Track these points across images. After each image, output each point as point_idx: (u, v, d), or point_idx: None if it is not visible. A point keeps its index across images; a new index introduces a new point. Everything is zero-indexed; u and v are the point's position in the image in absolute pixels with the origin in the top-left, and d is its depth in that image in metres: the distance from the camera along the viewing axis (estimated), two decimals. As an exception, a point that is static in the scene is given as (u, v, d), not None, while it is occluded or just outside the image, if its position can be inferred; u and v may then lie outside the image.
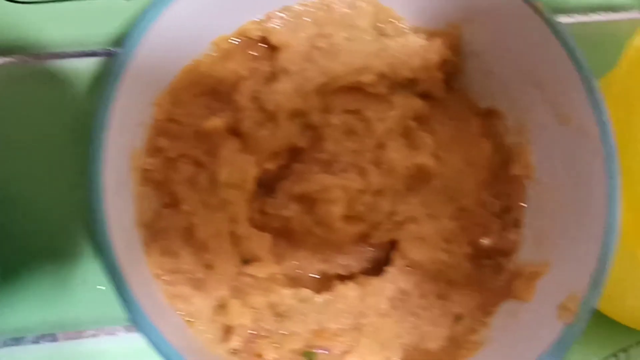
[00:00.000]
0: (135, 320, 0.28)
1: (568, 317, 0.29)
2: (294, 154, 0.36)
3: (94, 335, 0.35)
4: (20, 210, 0.36)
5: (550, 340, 0.29)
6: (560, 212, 0.32)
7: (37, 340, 0.35)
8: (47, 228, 0.36)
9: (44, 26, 0.38)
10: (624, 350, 0.42)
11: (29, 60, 0.38)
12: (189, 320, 0.33)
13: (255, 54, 0.36)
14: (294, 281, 0.35)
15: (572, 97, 0.31)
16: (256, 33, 0.35)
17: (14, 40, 0.38)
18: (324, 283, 0.35)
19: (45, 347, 0.35)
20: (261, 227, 0.35)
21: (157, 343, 0.27)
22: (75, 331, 0.35)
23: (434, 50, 0.34)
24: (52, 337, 0.35)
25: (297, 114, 0.34)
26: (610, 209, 0.29)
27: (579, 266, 0.30)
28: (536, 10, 0.31)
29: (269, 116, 0.34)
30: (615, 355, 0.42)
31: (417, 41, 0.35)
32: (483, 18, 0.33)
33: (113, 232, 0.29)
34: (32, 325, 0.35)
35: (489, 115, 0.36)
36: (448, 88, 0.36)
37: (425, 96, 0.36)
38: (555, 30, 0.30)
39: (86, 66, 0.38)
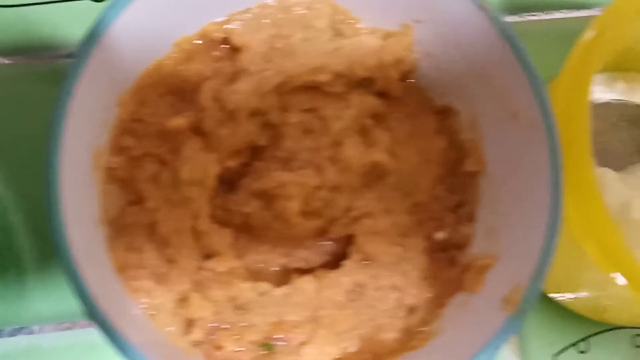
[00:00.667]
0: (91, 315, 0.28)
1: (511, 309, 0.29)
2: (255, 151, 0.36)
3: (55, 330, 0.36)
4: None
5: (494, 331, 0.29)
6: (509, 206, 0.33)
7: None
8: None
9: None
10: (584, 339, 0.43)
11: (34, 61, 0.38)
12: (151, 314, 0.34)
13: (218, 54, 0.37)
14: (256, 275, 0.36)
15: (519, 95, 0.31)
16: (218, 34, 0.36)
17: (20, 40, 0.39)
18: (285, 276, 0.36)
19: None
20: (224, 223, 0.36)
21: (112, 337, 0.28)
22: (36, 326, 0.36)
23: (389, 51, 0.35)
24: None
25: (256, 113, 0.35)
26: (553, 203, 0.30)
27: (523, 259, 0.30)
28: (483, 11, 0.31)
29: (230, 115, 0.35)
30: (574, 344, 0.43)
31: (373, 41, 0.35)
32: (435, 19, 0.34)
33: (71, 229, 0.29)
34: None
35: (444, 113, 0.36)
36: (405, 86, 0.37)
37: (382, 94, 0.37)
38: (502, 30, 0.31)
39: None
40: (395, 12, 0.35)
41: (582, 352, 0.43)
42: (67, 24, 0.42)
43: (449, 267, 0.36)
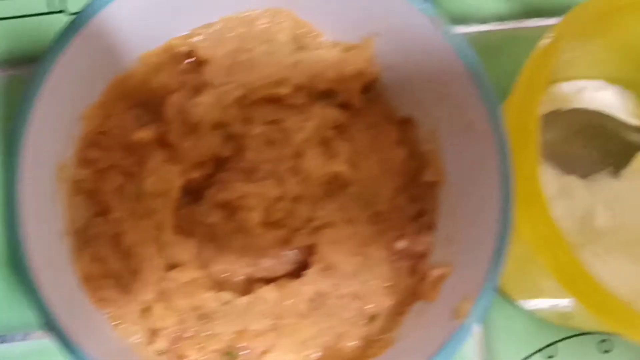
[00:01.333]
0: (49, 327, 0.29)
1: (461, 318, 0.29)
2: (219, 163, 0.36)
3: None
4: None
5: (444, 340, 0.29)
6: (465, 216, 0.33)
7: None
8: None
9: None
10: (551, 345, 0.43)
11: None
12: (116, 323, 0.34)
13: (184, 67, 0.37)
14: (221, 284, 0.36)
15: (472, 107, 0.32)
16: (182, 48, 0.36)
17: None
18: (250, 286, 0.36)
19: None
20: (189, 234, 0.36)
21: (69, 348, 0.28)
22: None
23: (349, 63, 0.35)
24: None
25: (219, 126, 0.35)
26: (503, 216, 0.30)
27: (474, 270, 0.31)
28: (436, 25, 0.31)
29: (193, 128, 0.35)
30: (541, 350, 0.43)
31: (334, 54, 0.35)
32: (393, 32, 0.34)
33: (30, 242, 0.29)
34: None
35: (405, 124, 0.37)
36: (367, 98, 0.37)
37: (344, 106, 0.37)
38: (455, 44, 0.31)
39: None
40: (355, 25, 0.35)
41: (549, 357, 0.43)
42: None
43: (410, 275, 0.36)
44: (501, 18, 0.46)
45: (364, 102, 0.37)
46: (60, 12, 0.45)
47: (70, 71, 0.33)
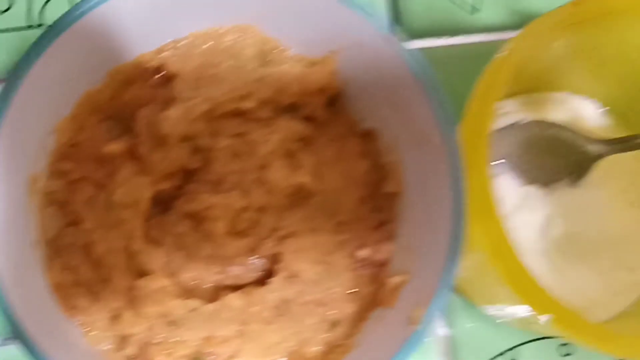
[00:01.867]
0: (15, 334, 0.29)
1: (415, 324, 0.30)
2: (188, 174, 0.37)
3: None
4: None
5: (399, 346, 0.30)
6: (423, 226, 0.34)
7: None
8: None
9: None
10: (512, 349, 0.44)
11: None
12: (86, 330, 0.35)
13: (154, 82, 0.38)
14: (190, 292, 0.37)
15: (427, 121, 0.33)
16: (152, 63, 0.37)
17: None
18: (218, 293, 0.37)
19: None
20: (158, 243, 0.37)
21: (35, 356, 0.29)
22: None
23: (313, 78, 0.36)
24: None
25: (187, 138, 0.36)
26: (455, 227, 0.31)
27: (428, 278, 0.32)
28: (392, 42, 0.32)
29: (162, 141, 0.36)
30: (503, 353, 0.44)
31: (298, 69, 0.36)
32: (354, 48, 0.35)
33: (1, 250, 0.30)
34: None
35: (367, 136, 0.38)
36: (331, 111, 0.38)
37: (308, 119, 0.38)
38: (409, 60, 0.32)
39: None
40: (318, 41, 0.36)
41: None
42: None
43: (371, 283, 0.37)
44: (466, 31, 0.47)
45: (328, 115, 0.38)
46: (39, 25, 0.46)
47: (41, 85, 0.33)
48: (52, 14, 0.46)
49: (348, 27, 0.33)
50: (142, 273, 0.36)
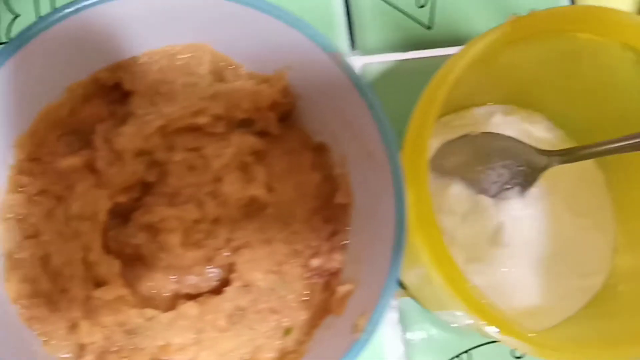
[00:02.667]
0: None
1: (358, 332, 0.31)
2: (146, 187, 0.38)
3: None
4: None
5: (343, 353, 0.31)
6: (369, 236, 0.35)
7: None
8: None
9: None
10: (467, 352, 0.45)
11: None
12: (44, 340, 0.35)
13: (113, 98, 0.38)
14: (149, 301, 0.38)
15: (370, 137, 0.33)
16: (109, 80, 0.37)
17: None
18: (176, 301, 0.37)
19: None
20: (117, 254, 0.37)
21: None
22: None
23: (265, 94, 0.37)
24: None
25: (142, 153, 0.36)
26: (397, 239, 0.31)
27: (372, 288, 0.32)
28: (336, 61, 0.33)
29: (118, 155, 0.36)
30: (458, 356, 0.45)
31: (250, 85, 0.37)
32: (302, 66, 0.36)
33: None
34: None
35: (319, 149, 0.38)
36: (284, 126, 0.39)
37: (262, 133, 0.38)
38: (352, 77, 0.33)
39: None
40: (269, 59, 0.37)
41: (465, 363, 0.45)
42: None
43: (323, 291, 0.37)
44: (417, 47, 0.48)
45: (282, 129, 0.39)
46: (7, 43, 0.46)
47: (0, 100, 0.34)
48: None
49: (296, 47, 0.34)
50: (99, 283, 0.36)
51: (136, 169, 0.37)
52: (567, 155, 0.40)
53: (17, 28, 0.46)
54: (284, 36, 0.34)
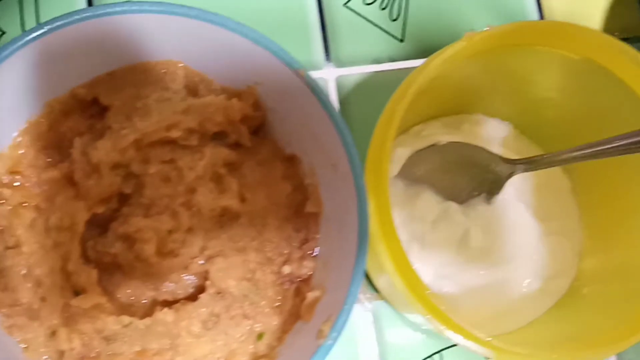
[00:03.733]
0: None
1: (322, 338, 0.31)
2: (124, 198, 0.38)
3: None
4: None
5: (310, 355, 0.31)
6: (337, 244, 0.35)
7: None
8: None
9: None
10: (438, 352, 0.45)
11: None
12: (25, 347, 0.35)
13: (92, 112, 0.39)
14: (127, 308, 0.38)
15: (335, 150, 0.34)
16: (86, 95, 0.38)
17: None
18: (154, 308, 0.38)
19: None
20: (96, 262, 0.37)
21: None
22: None
23: (235, 107, 0.37)
24: None
25: (118, 166, 0.37)
26: (360, 247, 0.32)
27: (337, 294, 0.33)
28: (300, 77, 0.33)
29: (95, 168, 0.36)
30: (430, 357, 0.45)
31: (222, 100, 0.37)
32: (271, 82, 0.36)
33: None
34: None
35: (290, 161, 0.39)
36: (258, 137, 0.39)
37: (236, 145, 0.39)
38: (315, 92, 0.33)
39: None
40: (240, 75, 0.37)
41: (437, 364, 0.45)
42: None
43: (294, 297, 0.38)
44: (390, 59, 0.48)
45: (254, 141, 0.39)
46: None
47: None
48: None
49: (263, 64, 0.34)
50: (78, 292, 0.36)
51: (113, 181, 0.37)
52: (530, 164, 0.41)
53: (2, 45, 0.46)
54: (252, 53, 0.34)
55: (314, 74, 0.47)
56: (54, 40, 0.34)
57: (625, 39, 0.49)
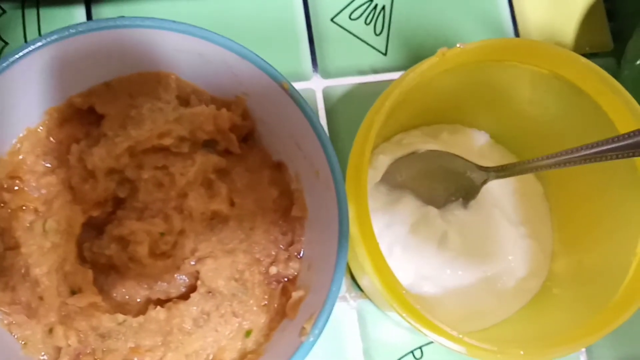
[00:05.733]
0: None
1: (304, 336, 0.32)
2: (119, 202, 0.38)
3: None
4: None
5: (292, 353, 0.31)
6: (319, 246, 0.36)
7: None
8: None
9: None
10: (419, 348, 0.45)
11: None
12: (24, 343, 0.35)
13: (89, 120, 0.39)
14: (122, 306, 0.38)
15: (317, 158, 0.34)
16: (83, 104, 0.38)
17: None
18: (147, 307, 0.38)
19: None
20: (92, 263, 0.38)
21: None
22: None
23: (224, 117, 0.37)
24: None
25: (113, 171, 0.37)
26: (340, 248, 0.32)
27: (319, 294, 0.33)
28: (284, 89, 0.34)
29: (91, 174, 0.37)
30: (412, 352, 0.45)
31: (212, 109, 0.37)
32: (257, 94, 0.36)
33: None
34: None
35: (277, 167, 0.39)
36: (247, 145, 0.39)
37: (226, 152, 0.39)
38: (298, 104, 0.34)
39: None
40: (229, 86, 0.37)
41: (417, 358, 0.46)
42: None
43: (281, 296, 0.38)
44: (374, 71, 0.48)
45: (243, 149, 0.39)
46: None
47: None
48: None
49: (250, 76, 0.35)
50: (74, 291, 0.36)
51: (108, 185, 0.37)
52: (503, 172, 0.41)
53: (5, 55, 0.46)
54: (239, 67, 0.35)
55: (302, 85, 0.47)
56: (53, 51, 0.35)
57: (594, 54, 0.51)
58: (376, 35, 0.50)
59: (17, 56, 0.34)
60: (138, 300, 0.38)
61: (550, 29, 0.50)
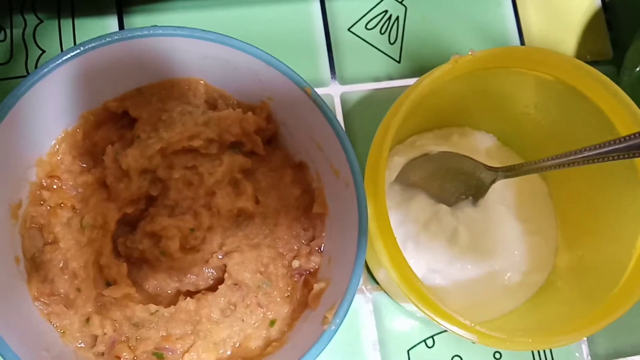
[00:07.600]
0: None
1: (326, 324, 0.32)
2: (151, 200, 0.39)
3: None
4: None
5: (314, 341, 0.32)
6: (340, 241, 0.36)
7: None
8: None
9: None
10: (431, 337, 0.46)
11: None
12: (62, 332, 0.36)
13: (122, 123, 0.40)
14: (154, 297, 0.38)
15: (337, 159, 0.34)
16: (117, 108, 0.38)
17: None
18: (177, 298, 0.38)
19: None
20: (126, 257, 0.38)
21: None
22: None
23: (250, 120, 0.38)
24: None
25: (146, 171, 0.37)
26: (360, 243, 0.33)
27: (340, 285, 0.33)
28: (306, 94, 0.34)
29: (125, 173, 0.37)
30: (424, 341, 0.45)
31: (238, 113, 0.38)
32: (281, 98, 0.37)
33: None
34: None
35: (299, 167, 0.39)
36: (270, 147, 0.40)
37: (251, 154, 0.39)
38: (321, 108, 0.34)
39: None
40: (255, 92, 0.38)
41: (429, 347, 0.46)
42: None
43: (303, 288, 0.38)
44: (388, 78, 0.49)
45: (267, 150, 0.40)
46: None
47: (21, 125, 0.35)
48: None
49: (275, 83, 0.35)
50: (109, 283, 0.37)
51: (141, 184, 0.38)
52: (510, 171, 0.41)
53: (44, 61, 0.47)
54: (264, 73, 0.35)
55: (321, 90, 0.48)
56: (88, 59, 0.35)
57: (595, 62, 0.51)
58: (390, 44, 0.50)
59: (55, 63, 0.34)
60: (169, 291, 0.39)
61: (554, 39, 0.51)
